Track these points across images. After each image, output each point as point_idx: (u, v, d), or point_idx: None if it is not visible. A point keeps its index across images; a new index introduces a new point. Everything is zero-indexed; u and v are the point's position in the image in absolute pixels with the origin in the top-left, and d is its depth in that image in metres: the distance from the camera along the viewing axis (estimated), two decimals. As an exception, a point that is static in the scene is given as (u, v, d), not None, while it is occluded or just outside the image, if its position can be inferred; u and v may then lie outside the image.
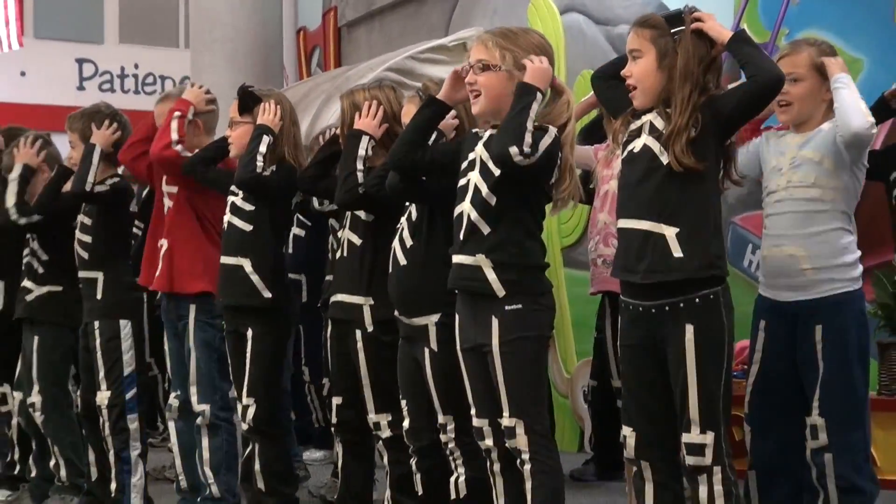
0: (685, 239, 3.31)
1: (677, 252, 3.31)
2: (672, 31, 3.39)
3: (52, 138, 5.65)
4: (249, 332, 4.56)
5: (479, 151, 3.67)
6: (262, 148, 4.49)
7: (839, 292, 3.73)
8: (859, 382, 3.78)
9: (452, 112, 3.88)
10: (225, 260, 4.60)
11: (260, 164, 4.47)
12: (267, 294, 4.54)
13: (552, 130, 3.56)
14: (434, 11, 9.25)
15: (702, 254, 3.32)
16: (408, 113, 4.09)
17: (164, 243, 4.87)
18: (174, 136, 4.74)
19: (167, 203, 4.89)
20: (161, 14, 17.61)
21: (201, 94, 4.93)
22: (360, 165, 4.15)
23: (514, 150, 3.43)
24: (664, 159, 3.33)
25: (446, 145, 3.86)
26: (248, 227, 4.55)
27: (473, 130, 3.81)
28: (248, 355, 4.56)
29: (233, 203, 4.59)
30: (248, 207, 4.55)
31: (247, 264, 4.53)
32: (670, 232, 3.32)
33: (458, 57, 7.61)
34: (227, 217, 4.60)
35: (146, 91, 17.12)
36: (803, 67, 3.79)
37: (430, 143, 3.83)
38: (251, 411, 4.53)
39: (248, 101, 4.65)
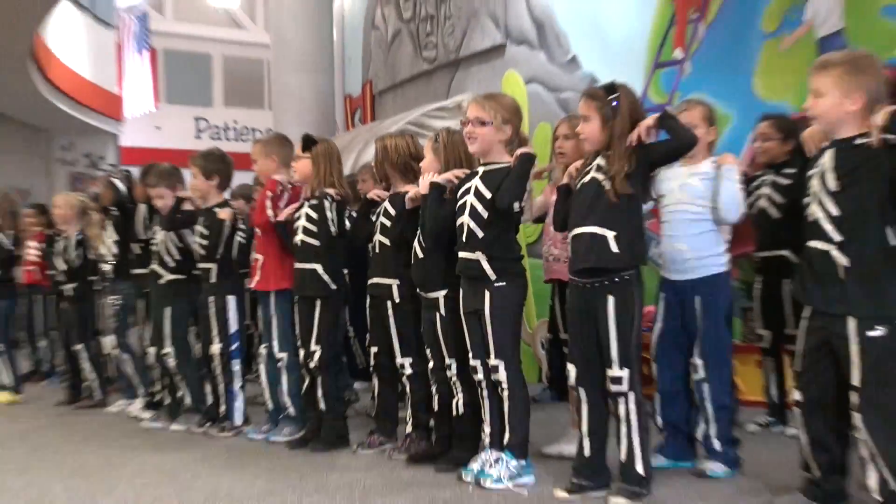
0: (620, 240, 3.32)
1: (615, 249, 3.32)
2: (609, 98, 3.37)
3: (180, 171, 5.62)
4: (318, 303, 4.53)
5: (476, 183, 3.73)
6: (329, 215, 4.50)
7: (712, 273, 3.75)
8: (725, 335, 3.79)
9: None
10: (301, 266, 4.56)
11: (333, 229, 4.49)
12: (333, 286, 4.53)
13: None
14: (439, 82, 9.24)
15: (631, 250, 3.34)
16: (426, 152, 4.09)
17: (259, 257, 4.85)
18: (269, 213, 4.70)
19: (258, 232, 4.87)
20: (252, 86, 17.59)
21: (285, 177, 4.83)
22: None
23: (516, 205, 3.58)
24: (606, 186, 3.34)
25: (451, 204, 3.85)
26: (317, 243, 4.52)
27: (473, 171, 3.82)
28: (317, 319, 4.54)
29: (304, 228, 4.55)
30: (316, 243, 4.52)
31: (319, 268, 4.51)
32: (610, 234, 3.33)
33: (454, 114, 7.64)
34: (300, 237, 4.55)
35: (243, 139, 17.11)
36: (697, 119, 3.81)
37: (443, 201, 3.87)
38: (317, 355, 4.52)
39: (308, 143, 4.61)
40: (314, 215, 4.51)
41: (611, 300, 3.33)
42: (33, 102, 13.18)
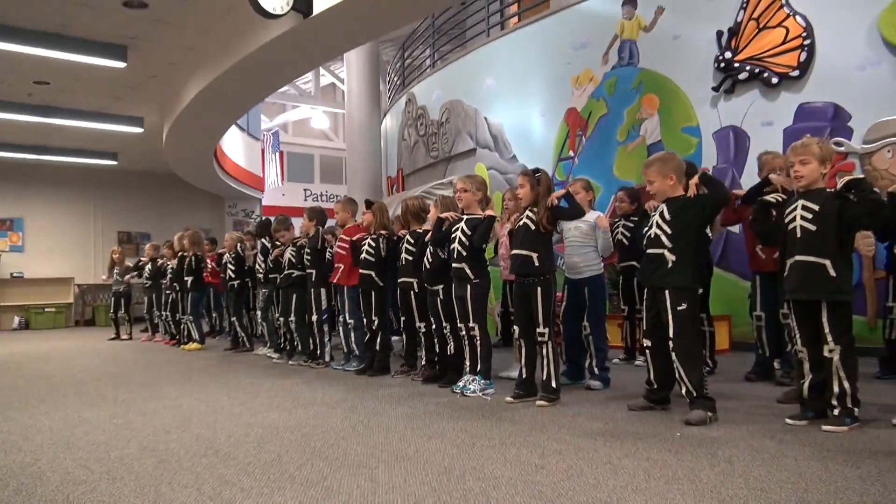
0: (542, 258, 3.26)
1: (538, 263, 3.26)
2: (535, 174, 3.32)
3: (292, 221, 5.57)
4: (373, 293, 4.45)
5: (462, 225, 3.67)
6: (382, 247, 4.38)
7: (594, 274, 3.70)
8: (602, 309, 3.73)
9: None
10: (364, 271, 4.42)
11: (383, 254, 4.36)
12: (381, 284, 4.43)
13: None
14: (439, 169, 9.23)
15: (548, 263, 3.28)
16: (433, 207, 4.00)
17: (340, 265, 4.75)
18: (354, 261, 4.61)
19: (341, 251, 4.76)
20: (336, 171, 17.62)
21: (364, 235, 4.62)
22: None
23: (483, 245, 3.52)
24: (533, 227, 3.28)
25: (448, 230, 3.79)
26: (374, 259, 4.41)
27: (460, 216, 3.74)
28: (374, 302, 4.45)
29: (367, 251, 4.42)
30: (373, 259, 4.41)
31: (373, 273, 4.39)
32: (534, 255, 3.27)
33: (449, 187, 7.60)
34: (364, 256, 4.41)
35: (330, 201, 17.08)
36: (579, 187, 3.76)
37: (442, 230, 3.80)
38: (376, 323, 4.43)
39: (368, 204, 4.56)
40: (374, 244, 4.46)
41: (539, 290, 3.29)
42: (214, 181, 13.21)
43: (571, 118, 6.69)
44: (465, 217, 3.75)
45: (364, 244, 4.55)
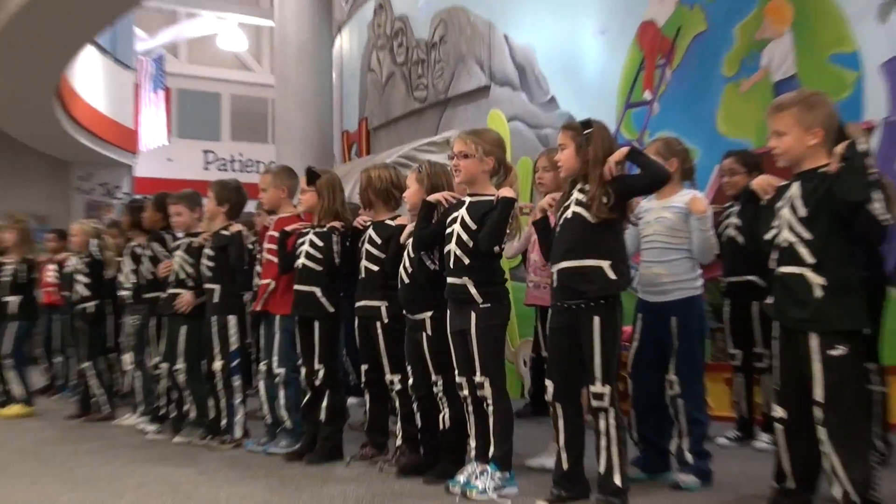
0: (602, 268, 3.29)
1: (596, 276, 3.28)
2: (584, 132, 3.36)
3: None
4: (316, 325, 4.49)
5: (462, 213, 3.71)
6: (335, 248, 4.46)
7: (687, 296, 3.73)
8: (699, 354, 3.77)
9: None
10: (301, 288, 4.51)
11: (337, 260, 4.45)
12: (330, 309, 4.48)
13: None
14: (428, 120, 9.27)
15: (615, 276, 3.30)
16: (410, 182, 4.09)
17: (269, 282, 4.80)
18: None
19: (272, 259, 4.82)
20: (257, 122, 17.58)
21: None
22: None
23: (496, 249, 3.61)
24: (586, 216, 3.33)
25: (437, 221, 3.83)
26: (319, 268, 4.47)
27: (461, 199, 3.80)
28: (317, 339, 4.49)
29: (308, 253, 4.50)
30: (318, 268, 4.48)
31: (318, 291, 4.47)
32: (589, 264, 3.29)
33: (443, 148, 7.62)
34: (303, 261, 4.50)
35: (247, 171, 17.08)
36: (652, 155, 3.75)
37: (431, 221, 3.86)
38: (322, 373, 4.46)
39: (312, 176, 4.58)
40: (319, 243, 4.49)
41: (596, 320, 3.29)
42: (56, 136, 13.20)
43: (648, 38, 6.67)
44: (467, 200, 3.73)
45: (303, 243, 4.55)
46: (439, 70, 8.98)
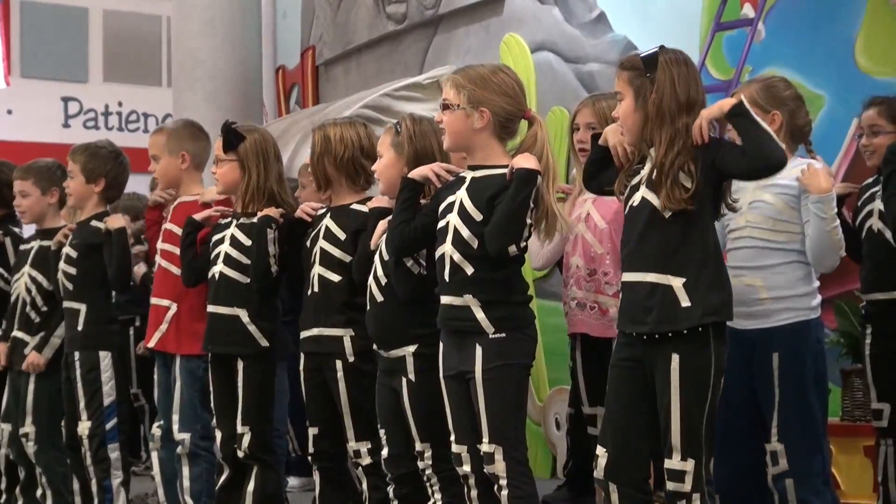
0: (685, 283, 3.31)
1: (685, 302, 3.30)
2: (647, 73, 3.36)
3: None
4: (240, 365, 4.55)
5: (461, 195, 3.70)
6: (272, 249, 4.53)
7: (796, 321, 3.77)
8: (816, 408, 3.80)
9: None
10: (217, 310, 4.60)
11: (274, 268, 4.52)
12: (263, 342, 4.55)
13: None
14: (409, 51, 9.26)
15: (704, 302, 3.32)
16: (383, 144, 4.14)
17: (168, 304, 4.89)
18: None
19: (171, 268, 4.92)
20: (144, 53, 17.58)
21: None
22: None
23: (512, 248, 3.57)
24: (659, 208, 3.35)
25: (427, 208, 3.87)
26: (245, 280, 4.56)
27: (461, 174, 3.82)
28: (241, 386, 4.55)
29: (228, 256, 4.60)
30: (243, 279, 4.57)
31: (244, 314, 4.55)
32: (676, 282, 3.32)
33: (433, 94, 7.67)
34: (220, 268, 4.59)
35: (129, 129, 17.08)
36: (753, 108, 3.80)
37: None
38: (246, 440, 4.51)
39: (232, 138, 4.61)
40: (245, 242, 4.56)
41: (675, 359, 3.31)
42: None
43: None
44: (468, 175, 3.79)
45: (220, 241, 4.64)
46: (427, -28, 9.02)
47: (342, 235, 4.27)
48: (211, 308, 4.60)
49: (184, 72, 10.61)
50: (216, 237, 4.63)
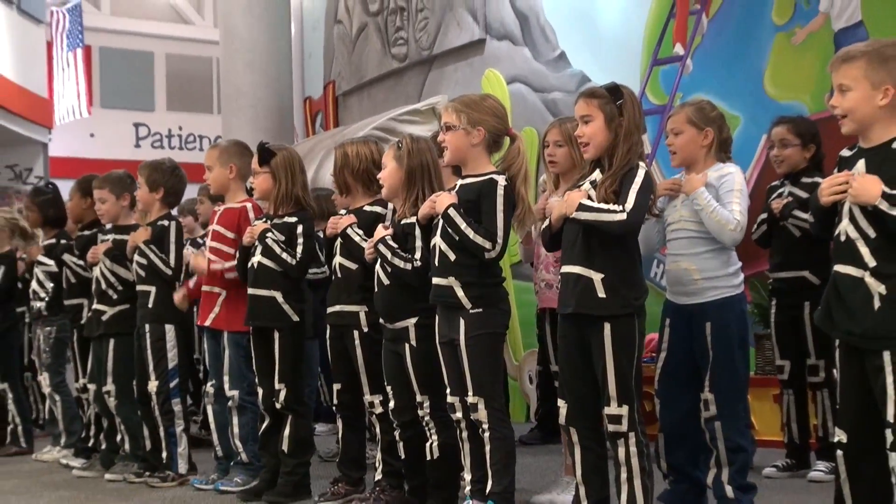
0: (610, 276, 3.33)
1: (606, 285, 3.32)
2: (616, 101, 3.37)
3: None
4: (276, 336, 4.53)
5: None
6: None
7: (724, 296, 3.75)
8: (740, 366, 3.78)
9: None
10: (257, 292, 4.56)
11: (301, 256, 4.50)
12: (294, 318, 4.54)
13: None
14: (410, 83, 9.29)
15: (629, 284, 3.36)
16: (387, 160, 4.11)
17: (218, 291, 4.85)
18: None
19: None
20: (199, 87, 17.57)
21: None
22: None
23: (488, 246, 3.60)
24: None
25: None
26: (278, 268, 4.52)
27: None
28: (277, 353, 4.53)
29: (265, 249, 4.55)
30: (276, 267, 4.52)
31: (279, 296, 4.52)
32: (596, 277, 3.33)
33: (428, 118, 7.65)
34: (258, 258, 4.54)
35: (188, 147, 17.11)
36: (680, 124, 3.82)
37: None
38: (283, 395, 4.50)
39: (265, 154, 4.60)
40: (279, 237, 4.53)
41: (607, 328, 3.33)
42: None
43: (679, -23, 6.73)
44: (458, 183, 3.79)
45: (263, 238, 4.56)
46: (423, 21, 9.01)
47: (358, 231, 4.25)
48: (251, 290, 4.57)
49: (230, 102, 10.62)
50: (260, 238, 4.56)
